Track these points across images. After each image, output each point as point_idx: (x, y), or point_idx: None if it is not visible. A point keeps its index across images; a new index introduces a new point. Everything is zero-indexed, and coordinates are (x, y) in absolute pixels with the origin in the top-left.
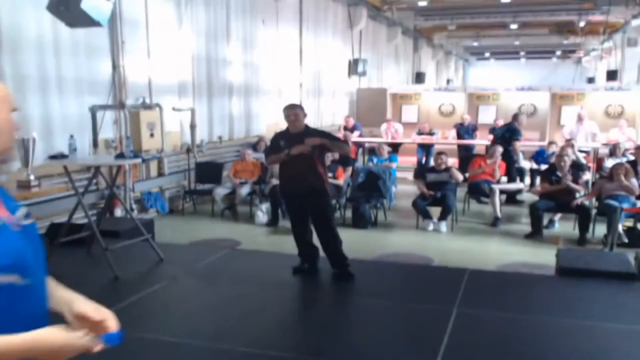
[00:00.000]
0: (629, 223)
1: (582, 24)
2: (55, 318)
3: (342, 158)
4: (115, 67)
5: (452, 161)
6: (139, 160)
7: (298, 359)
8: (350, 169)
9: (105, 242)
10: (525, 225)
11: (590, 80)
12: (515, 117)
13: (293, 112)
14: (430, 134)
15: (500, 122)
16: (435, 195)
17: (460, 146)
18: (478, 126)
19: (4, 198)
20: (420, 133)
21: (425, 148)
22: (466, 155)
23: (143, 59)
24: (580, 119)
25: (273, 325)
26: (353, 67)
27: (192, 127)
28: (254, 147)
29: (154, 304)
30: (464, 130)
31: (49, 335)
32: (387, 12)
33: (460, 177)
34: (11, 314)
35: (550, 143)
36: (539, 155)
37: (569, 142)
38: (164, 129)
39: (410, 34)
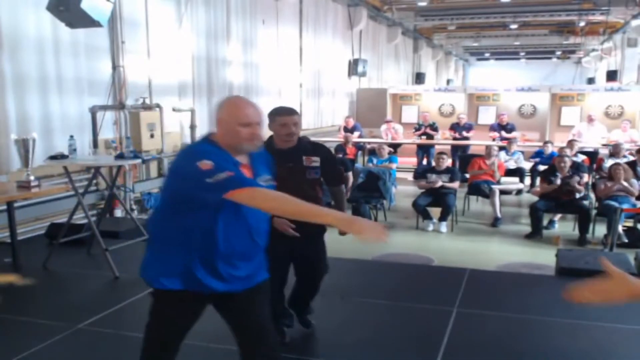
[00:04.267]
0: (629, 223)
1: (582, 24)
2: None
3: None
4: (115, 67)
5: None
6: (139, 161)
7: (298, 358)
8: (350, 175)
9: (105, 243)
10: (525, 226)
11: (590, 80)
12: None
13: (292, 119)
14: (433, 127)
15: (505, 119)
16: (438, 189)
17: (454, 147)
18: (478, 126)
19: (255, 163)
20: (419, 127)
21: (425, 149)
22: (465, 156)
23: (143, 59)
24: (590, 120)
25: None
26: (353, 67)
27: (192, 127)
28: None
29: None
30: (460, 130)
31: None
32: (387, 12)
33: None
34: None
35: (546, 143)
36: (538, 156)
37: (570, 143)
38: (164, 129)
39: (410, 34)
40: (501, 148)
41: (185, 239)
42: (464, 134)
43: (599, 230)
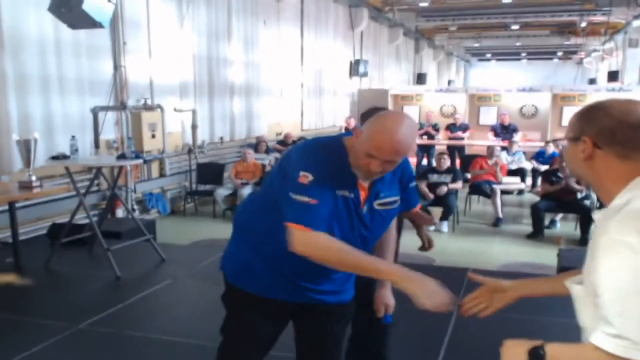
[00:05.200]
0: None
1: (583, 24)
2: None
3: None
4: (116, 67)
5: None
6: (140, 161)
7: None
8: None
9: (107, 243)
10: (526, 226)
11: (592, 81)
12: None
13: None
14: (434, 127)
15: (506, 119)
16: (438, 195)
17: (451, 148)
18: (479, 127)
19: (380, 181)
20: (421, 126)
21: (426, 149)
22: (467, 156)
23: (144, 60)
24: None
25: None
26: (354, 67)
27: (194, 127)
28: (255, 148)
29: (155, 304)
30: (456, 130)
31: None
32: (388, 13)
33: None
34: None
35: (547, 143)
36: (539, 156)
37: None
38: (166, 129)
39: (412, 35)
40: (503, 148)
41: (267, 239)
42: (460, 134)
43: None
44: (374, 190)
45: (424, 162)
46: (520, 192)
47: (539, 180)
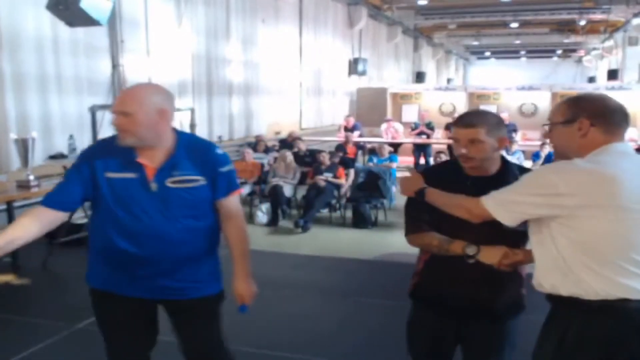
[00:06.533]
0: None
1: (582, 22)
2: None
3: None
4: (114, 66)
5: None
6: None
7: (298, 358)
8: (352, 172)
9: None
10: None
11: (591, 79)
12: None
13: (468, 133)
14: (429, 126)
15: (506, 117)
16: None
17: (450, 147)
18: None
19: (176, 158)
20: (416, 126)
21: (422, 148)
22: None
23: (143, 58)
24: None
25: (272, 325)
26: (353, 66)
27: (192, 126)
28: (254, 147)
29: None
30: None
31: None
32: (387, 11)
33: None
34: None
35: (543, 145)
36: (537, 157)
37: None
38: None
39: (411, 33)
40: None
41: (94, 235)
42: None
43: None
44: (165, 168)
45: (422, 161)
46: None
47: None
